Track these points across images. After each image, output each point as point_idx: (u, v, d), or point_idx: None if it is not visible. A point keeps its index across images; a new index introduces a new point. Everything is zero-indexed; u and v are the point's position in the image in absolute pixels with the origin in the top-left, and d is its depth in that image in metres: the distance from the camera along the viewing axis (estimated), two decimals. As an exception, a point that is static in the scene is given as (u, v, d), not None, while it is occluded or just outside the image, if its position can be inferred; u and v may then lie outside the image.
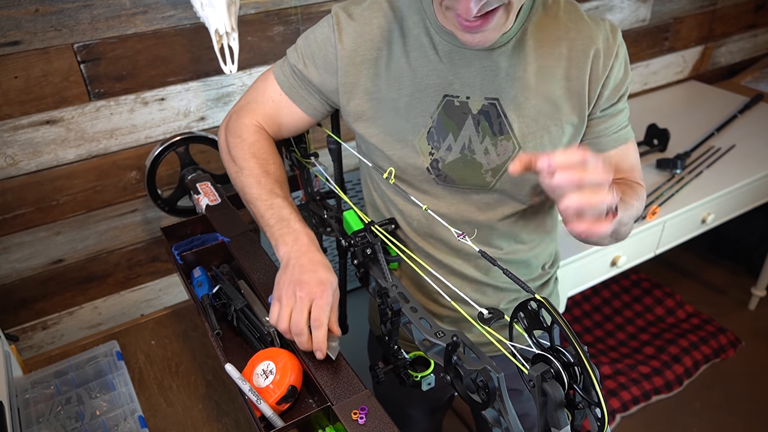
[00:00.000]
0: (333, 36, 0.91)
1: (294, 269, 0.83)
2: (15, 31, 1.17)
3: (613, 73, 0.89)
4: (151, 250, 1.55)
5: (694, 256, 2.73)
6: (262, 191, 0.92)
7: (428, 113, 0.89)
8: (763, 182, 1.87)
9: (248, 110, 1.00)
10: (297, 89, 0.97)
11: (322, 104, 0.98)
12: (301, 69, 0.95)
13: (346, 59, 0.90)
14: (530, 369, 0.60)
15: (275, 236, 0.88)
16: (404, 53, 0.88)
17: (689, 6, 2.25)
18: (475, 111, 0.88)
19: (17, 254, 1.37)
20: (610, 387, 2.09)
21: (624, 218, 0.87)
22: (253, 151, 0.95)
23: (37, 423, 0.98)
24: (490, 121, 0.88)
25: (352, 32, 0.90)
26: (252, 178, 0.93)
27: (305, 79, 0.95)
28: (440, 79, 0.88)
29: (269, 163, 0.95)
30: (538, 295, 0.60)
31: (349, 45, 0.90)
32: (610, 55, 0.88)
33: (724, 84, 2.47)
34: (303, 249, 0.85)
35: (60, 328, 1.51)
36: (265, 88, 0.99)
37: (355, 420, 0.76)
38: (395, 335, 0.86)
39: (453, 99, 0.88)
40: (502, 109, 0.88)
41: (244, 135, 0.97)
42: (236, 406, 1.03)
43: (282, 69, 0.98)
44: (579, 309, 2.49)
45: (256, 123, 0.99)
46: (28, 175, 1.31)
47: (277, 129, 1.01)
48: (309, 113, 0.99)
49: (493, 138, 0.89)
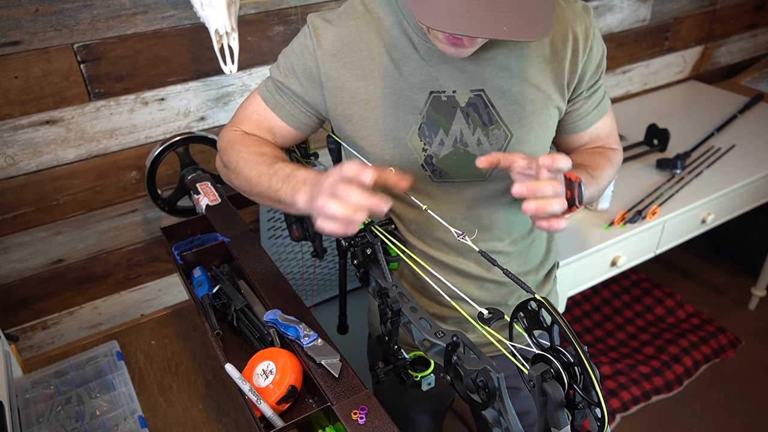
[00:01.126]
0: (311, 43, 0.90)
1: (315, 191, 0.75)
2: (15, 31, 1.17)
3: (593, 54, 0.92)
4: (151, 250, 1.55)
5: (694, 256, 2.73)
6: (263, 167, 0.87)
7: (417, 110, 0.89)
8: (763, 182, 1.87)
9: (231, 123, 1.00)
10: (281, 104, 0.95)
11: (307, 116, 0.96)
12: (283, 81, 0.94)
13: (327, 64, 0.89)
14: (530, 369, 0.60)
15: (288, 194, 0.80)
16: (386, 52, 0.88)
17: (689, 6, 2.25)
18: (462, 104, 0.89)
19: (17, 254, 1.37)
20: (610, 387, 2.09)
21: (594, 194, 0.95)
22: (244, 144, 0.93)
23: (37, 423, 0.98)
24: (479, 112, 0.89)
25: (330, 36, 0.89)
26: (249, 164, 0.89)
27: (289, 90, 0.94)
28: (424, 77, 0.88)
29: (263, 146, 0.93)
30: (538, 295, 0.60)
31: (329, 49, 0.89)
32: (587, 37, 0.90)
33: (724, 84, 2.47)
34: (315, 180, 0.77)
35: (60, 328, 1.51)
36: (248, 104, 0.99)
37: (355, 420, 0.77)
38: (395, 335, 0.86)
39: (440, 94, 0.89)
40: (489, 98, 0.89)
41: (230, 137, 0.96)
42: (236, 406, 1.03)
43: (266, 86, 0.97)
44: (579, 309, 2.49)
45: (240, 130, 0.98)
46: (28, 175, 1.31)
47: (270, 136, 0.99)
48: (295, 127, 0.97)
49: (484, 128, 0.90)
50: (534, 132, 0.91)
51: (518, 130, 0.90)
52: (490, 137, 0.90)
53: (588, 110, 0.97)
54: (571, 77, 0.92)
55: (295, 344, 0.89)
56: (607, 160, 0.98)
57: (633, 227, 1.60)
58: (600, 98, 0.98)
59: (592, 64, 0.92)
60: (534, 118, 0.91)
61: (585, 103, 0.96)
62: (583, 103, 0.96)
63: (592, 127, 1.00)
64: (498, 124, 0.90)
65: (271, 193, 0.84)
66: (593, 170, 0.94)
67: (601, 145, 1.03)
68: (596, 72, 0.94)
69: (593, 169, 0.94)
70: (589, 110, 0.97)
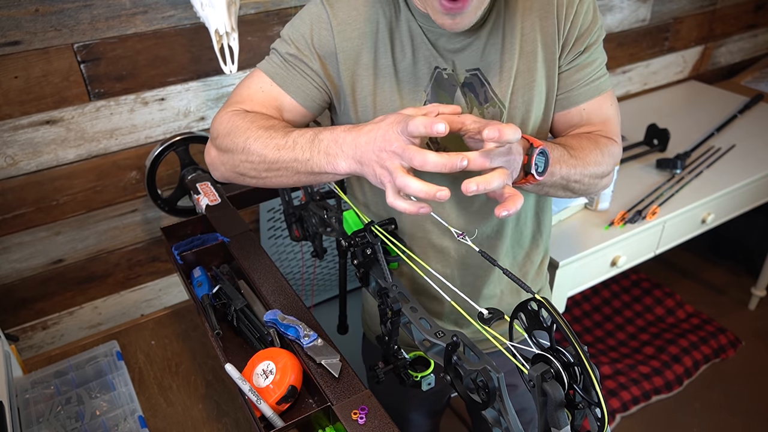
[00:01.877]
0: (325, 13, 0.87)
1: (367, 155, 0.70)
2: (15, 31, 1.17)
3: (579, 20, 0.88)
4: (151, 250, 1.55)
5: (694, 256, 2.73)
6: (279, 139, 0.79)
7: (422, 87, 0.89)
8: (763, 182, 1.87)
9: (228, 105, 0.90)
10: (290, 79, 0.89)
11: (319, 91, 0.90)
12: (294, 53, 0.87)
13: (342, 33, 0.86)
14: (530, 369, 0.60)
15: (323, 162, 0.74)
16: (397, 27, 0.88)
17: (689, 6, 2.25)
18: (461, 82, 0.89)
19: (17, 254, 1.37)
20: (610, 387, 2.09)
21: (573, 175, 0.85)
22: (249, 119, 0.84)
23: (37, 423, 0.98)
24: (475, 92, 0.89)
25: (344, 6, 0.87)
26: (261, 139, 0.80)
27: (300, 62, 0.88)
28: (429, 52, 0.88)
29: (269, 119, 0.85)
30: (538, 295, 0.60)
31: (344, 17, 0.87)
32: (573, 2, 0.87)
33: (724, 84, 2.47)
34: (350, 138, 0.73)
35: (60, 328, 1.51)
36: (251, 83, 0.91)
37: (355, 420, 0.77)
38: (395, 335, 0.86)
39: (442, 71, 0.89)
40: (484, 76, 0.89)
41: (232, 121, 0.85)
42: (236, 406, 1.03)
43: (270, 62, 0.91)
44: (579, 309, 2.49)
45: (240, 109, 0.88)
46: (28, 175, 1.31)
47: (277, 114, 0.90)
48: (304, 104, 0.90)
49: (479, 108, 0.90)
50: (527, 106, 0.89)
51: (512, 105, 0.89)
52: (486, 116, 0.90)
53: (574, 85, 0.91)
54: (558, 43, 0.88)
55: (295, 344, 0.89)
56: (595, 144, 0.89)
57: (633, 227, 1.60)
58: (591, 75, 0.91)
59: (577, 30, 0.88)
60: (527, 91, 0.89)
61: (572, 76, 0.90)
62: (569, 74, 0.90)
63: (580, 106, 0.92)
64: (493, 102, 0.89)
65: (299, 165, 0.77)
66: (574, 150, 0.86)
67: (593, 131, 0.94)
68: (582, 40, 0.89)
69: (574, 150, 0.86)
70: (575, 85, 0.91)
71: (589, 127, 0.94)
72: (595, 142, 0.90)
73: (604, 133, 0.94)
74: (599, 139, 0.91)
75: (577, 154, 0.86)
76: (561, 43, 0.89)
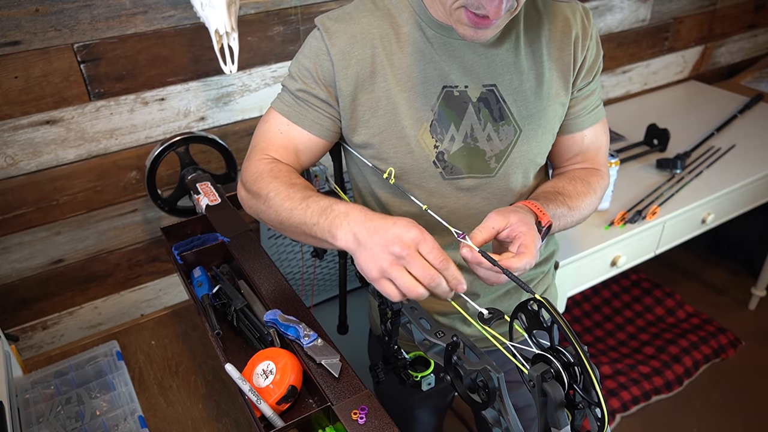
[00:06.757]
0: (323, 45, 0.89)
1: (370, 239, 0.71)
2: (15, 31, 1.17)
3: (590, 53, 0.93)
4: (151, 250, 1.55)
5: (694, 256, 2.73)
6: (295, 201, 0.83)
7: (429, 106, 0.89)
8: (763, 182, 1.87)
9: (257, 151, 0.94)
10: (304, 114, 0.92)
11: (332, 122, 0.93)
12: (303, 88, 0.91)
13: (342, 62, 0.88)
14: (530, 369, 0.60)
15: (325, 229, 0.76)
16: (399, 48, 0.89)
17: (689, 6, 2.25)
18: (474, 99, 0.90)
19: (17, 254, 1.37)
20: (610, 387, 2.09)
21: (569, 224, 0.94)
22: (274, 174, 0.88)
23: (37, 423, 0.98)
24: (490, 108, 0.90)
25: (342, 34, 0.89)
26: (280, 196, 0.85)
27: (310, 96, 0.91)
28: (438, 71, 0.88)
29: (292, 177, 0.89)
30: (538, 295, 0.60)
31: (342, 46, 0.88)
32: (586, 36, 0.92)
33: (724, 84, 2.47)
34: (361, 218, 0.73)
35: (60, 328, 1.51)
36: (269, 126, 0.94)
37: (355, 420, 0.77)
38: (395, 335, 0.86)
39: (452, 89, 0.89)
40: (500, 94, 0.90)
41: (259, 168, 0.90)
42: (236, 406, 1.03)
43: (282, 101, 0.94)
44: (579, 309, 2.49)
45: (269, 156, 0.93)
46: (28, 175, 1.31)
47: (295, 158, 0.95)
48: (321, 135, 0.94)
49: (494, 124, 0.91)
50: (542, 129, 0.93)
51: (527, 126, 0.92)
52: (500, 133, 0.91)
53: (581, 112, 0.98)
54: (573, 74, 0.93)
55: (295, 344, 0.89)
56: (590, 188, 0.97)
57: (633, 227, 1.60)
58: (594, 104, 0.99)
59: (588, 62, 0.94)
60: (542, 114, 0.92)
61: (579, 103, 0.97)
62: (576, 102, 0.97)
63: (584, 132, 0.99)
64: (508, 120, 0.91)
65: (305, 227, 0.80)
66: (571, 200, 0.93)
67: (590, 165, 1.01)
68: (590, 71, 0.95)
69: (571, 199, 0.93)
70: (582, 112, 0.98)
71: (584, 156, 1.01)
72: (590, 184, 0.97)
73: (597, 164, 1.01)
74: (592, 179, 0.99)
75: (574, 204, 0.93)
76: (575, 73, 0.93)
